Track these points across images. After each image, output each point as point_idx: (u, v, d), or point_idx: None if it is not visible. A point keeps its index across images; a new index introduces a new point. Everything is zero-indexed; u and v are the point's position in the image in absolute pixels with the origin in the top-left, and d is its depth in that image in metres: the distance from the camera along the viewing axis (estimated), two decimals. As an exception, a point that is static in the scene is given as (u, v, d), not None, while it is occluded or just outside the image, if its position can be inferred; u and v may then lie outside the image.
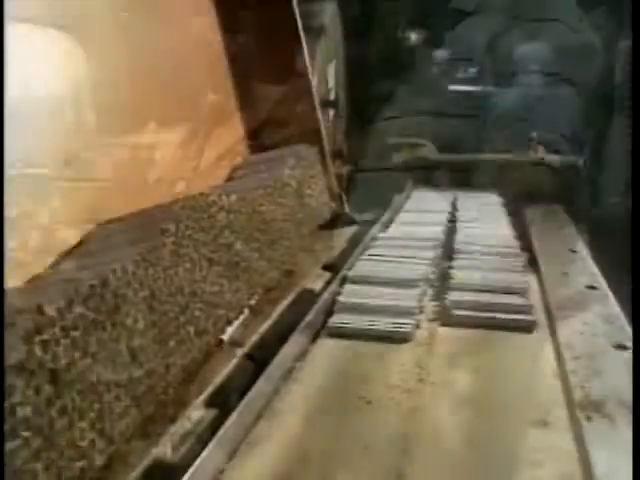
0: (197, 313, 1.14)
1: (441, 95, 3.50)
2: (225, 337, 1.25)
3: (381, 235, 1.93)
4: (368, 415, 1.05)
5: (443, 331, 1.37)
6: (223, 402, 1.06)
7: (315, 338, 1.33)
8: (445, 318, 1.42)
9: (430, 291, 1.57)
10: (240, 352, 1.21)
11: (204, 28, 1.90)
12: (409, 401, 1.09)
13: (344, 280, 1.56)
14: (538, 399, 1.09)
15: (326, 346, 1.31)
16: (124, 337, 0.93)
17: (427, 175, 2.86)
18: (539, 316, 1.43)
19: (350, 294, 1.49)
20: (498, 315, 1.39)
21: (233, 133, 2.01)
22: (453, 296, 1.48)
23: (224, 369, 1.14)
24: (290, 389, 1.14)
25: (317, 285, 1.62)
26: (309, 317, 1.32)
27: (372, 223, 2.11)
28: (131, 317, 0.95)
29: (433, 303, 1.51)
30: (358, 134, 3.07)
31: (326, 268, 1.75)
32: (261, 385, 1.06)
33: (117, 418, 0.88)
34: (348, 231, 2.08)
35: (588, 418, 1.00)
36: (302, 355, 1.25)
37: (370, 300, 1.45)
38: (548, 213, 2.36)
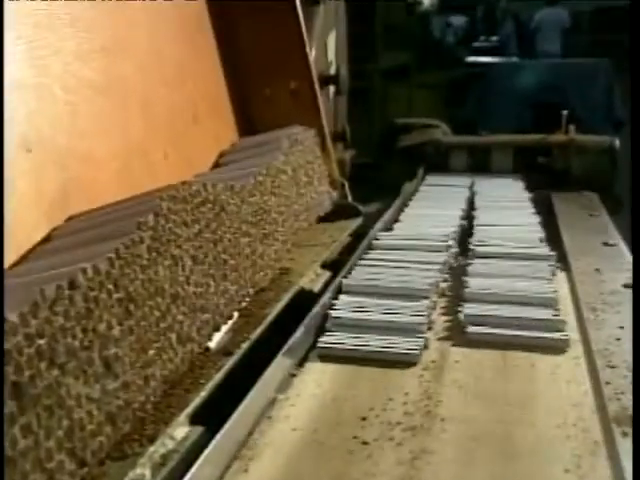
0: (180, 318, 1.14)
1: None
2: (212, 345, 1.25)
3: (385, 234, 1.92)
4: (364, 459, 1.00)
5: (456, 352, 1.33)
6: (211, 419, 1.06)
7: (303, 361, 1.29)
8: (459, 336, 1.39)
9: (441, 302, 1.55)
10: (229, 362, 1.21)
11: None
12: (414, 442, 1.03)
13: (339, 289, 1.53)
14: (570, 441, 1.03)
15: (315, 372, 1.27)
16: (97, 345, 0.92)
17: (441, 160, 2.85)
18: (570, 322, 1.40)
19: (345, 307, 1.45)
20: (523, 333, 1.35)
21: (222, 112, 2.01)
22: (468, 309, 1.45)
23: (211, 381, 1.13)
24: (271, 426, 1.08)
25: (316, 285, 1.62)
26: (296, 335, 1.28)
27: (379, 215, 2.11)
28: (104, 322, 0.95)
29: (444, 317, 1.48)
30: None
31: (326, 266, 1.75)
32: (236, 422, 1.01)
33: (89, 437, 0.88)
34: (352, 224, 2.08)
35: (624, 434, 0.99)
36: (286, 383, 1.21)
37: (369, 315, 1.41)
38: (579, 201, 2.36)
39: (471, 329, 1.38)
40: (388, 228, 2.01)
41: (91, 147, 1.40)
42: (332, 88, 2.55)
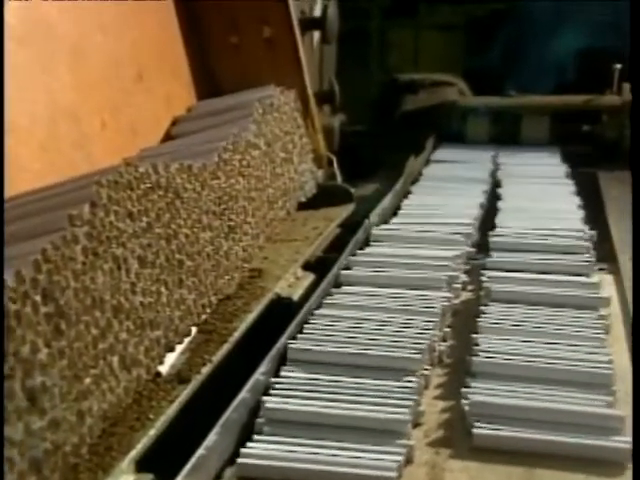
0: (124, 336, 1.16)
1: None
2: (163, 369, 1.27)
3: (365, 252, 1.82)
4: None
5: (456, 470, 1.09)
6: (161, 464, 1.07)
7: None
8: (462, 440, 1.16)
9: (437, 377, 1.34)
10: (185, 391, 1.23)
11: None
12: None
13: (282, 357, 1.33)
14: None
15: None
16: (19, 373, 0.94)
17: (456, 128, 2.87)
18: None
19: (289, 390, 1.24)
20: (560, 438, 1.13)
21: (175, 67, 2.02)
22: (477, 394, 1.22)
23: (162, 417, 1.15)
24: None
25: (296, 292, 1.64)
26: (207, 442, 1.05)
27: (375, 200, 2.13)
28: (28, 344, 0.96)
29: (441, 404, 1.26)
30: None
31: (309, 267, 1.78)
32: None
33: (10, 489, 0.90)
34: (341, 212, 2.10)
35: None
36: None
37: (322, 406, 1.19)
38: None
39: (480, 430, 1.16)
40: (380, 223, 2.00)
41: (7, 113, 1.41)
42: (316, 34, 2.54)
